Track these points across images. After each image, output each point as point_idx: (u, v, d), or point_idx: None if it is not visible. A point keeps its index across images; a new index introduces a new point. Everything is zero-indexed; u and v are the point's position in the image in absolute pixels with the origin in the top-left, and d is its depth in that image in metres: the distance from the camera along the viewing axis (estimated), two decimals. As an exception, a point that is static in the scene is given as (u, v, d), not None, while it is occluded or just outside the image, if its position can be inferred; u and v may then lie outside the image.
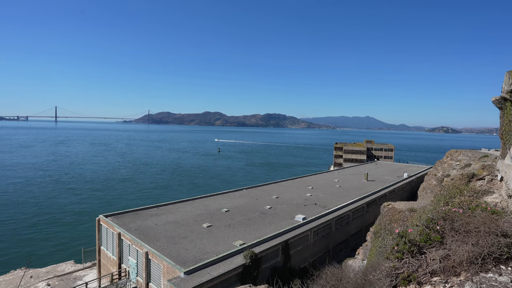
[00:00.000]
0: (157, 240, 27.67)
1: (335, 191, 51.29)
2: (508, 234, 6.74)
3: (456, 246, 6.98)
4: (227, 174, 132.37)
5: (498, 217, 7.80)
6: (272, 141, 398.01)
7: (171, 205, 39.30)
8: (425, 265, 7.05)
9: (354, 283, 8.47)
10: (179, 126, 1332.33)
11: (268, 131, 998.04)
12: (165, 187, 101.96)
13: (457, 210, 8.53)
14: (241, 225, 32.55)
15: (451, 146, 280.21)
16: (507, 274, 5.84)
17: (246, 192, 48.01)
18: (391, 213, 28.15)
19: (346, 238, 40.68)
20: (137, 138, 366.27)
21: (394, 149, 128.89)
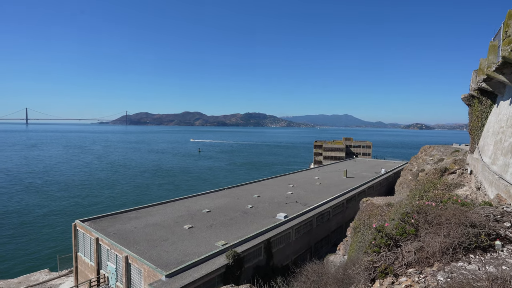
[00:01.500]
0: (137, 244, 27.08)
1: (315, 188, 52.03)
2: (476, 225, 7.08)
3: (429, 238, 7.26)
4: (209, 174, 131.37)
5: (467, 208, 8.17)
6: (253, 140, 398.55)
7: (151, 208, 38.56)
8: (401, 257, 7.29)
9: (334, 278, 8.66)
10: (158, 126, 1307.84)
11: (248, 130, 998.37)
12: (145, 189, 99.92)
13: (430, 204, 8.87)
14: (223, 225, 32.41)
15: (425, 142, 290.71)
16: (475, 262, 6.13)
17: (228, 192, 47.85)
18: (370, 209, 28.91)
19: (327, 234, 41.36)
20: (115, 140, 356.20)
21: (371, 146, 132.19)
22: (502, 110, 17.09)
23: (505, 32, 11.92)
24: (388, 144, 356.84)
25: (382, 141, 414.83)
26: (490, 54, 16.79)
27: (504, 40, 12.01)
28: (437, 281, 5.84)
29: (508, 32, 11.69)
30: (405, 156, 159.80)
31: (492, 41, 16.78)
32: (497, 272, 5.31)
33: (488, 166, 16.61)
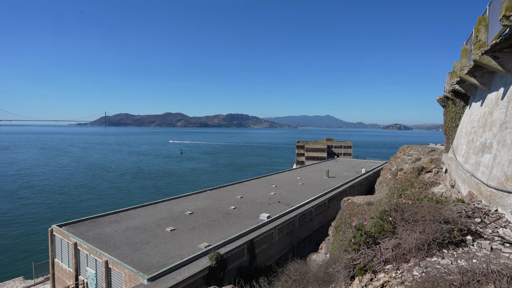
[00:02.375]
0: (117, 248, 26.47)
1: (298, 188, 52.53)
2: (449, 221, 7.38)
3: (406, 235, 7.51)
4: (191, 176, 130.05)
5: (441, 206, 8.50)
6: (236, 141, 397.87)
7: (132, 210, 37.79)
8: (379, 254, 7.50)
9: (316, 277, 8.81)
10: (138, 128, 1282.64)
11: (231, 131, 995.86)
12: (126, 192, 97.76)
13: (407, 202, 9.17)
14: (206, 227, 32.19)
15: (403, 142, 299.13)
16: (448, 257, 6.40)
17: (210, 193, 47.56)
18: (351, 207, 29.49)
19: (310, 233, 41.84)
20: (94, 142, 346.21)
21: (352, 146, 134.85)
22: (474, 111, 17.87)
23: (476, 37, 12.49)
24: (369, 144, 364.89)
25: (362, 141, 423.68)
26: (462, 58, 17.53)
27: (475, 45, 12.59)
28: (413, 276, 6.05)
29: (479, 37, 12.25)
30: (384, 156, 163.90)
31: (465, 45, 17.54)
32: (468, 266, 5.57)
33: (461, 165, 17.31)
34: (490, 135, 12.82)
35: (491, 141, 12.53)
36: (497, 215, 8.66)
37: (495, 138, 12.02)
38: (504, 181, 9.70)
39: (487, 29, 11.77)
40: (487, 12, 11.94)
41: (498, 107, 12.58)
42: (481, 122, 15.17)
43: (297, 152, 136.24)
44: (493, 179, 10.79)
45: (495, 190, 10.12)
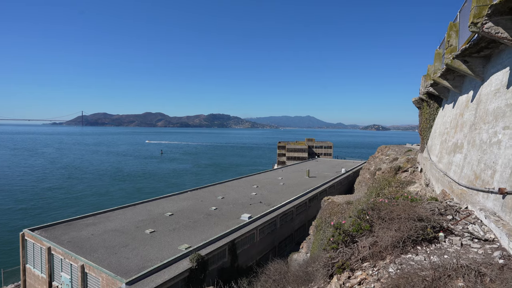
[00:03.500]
0: (94, 251, 25.70)
1: (279, 188, 52.87)
2: (423, 219, 7.65)
3: (382, 233, 7.71)
4: (172, 176, 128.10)
5: (415, 204, 8.80)
6: (218, 142, 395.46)
7: (110, 212, 36.80)
8: (357, 252, 7.67)
9: (295, 276, 8.91)
10: (117, 128, 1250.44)
11: (212, 131, 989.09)
12: (104, 193, 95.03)
13: (383, 201, 9.43)
14: (187, 228, 31.82)
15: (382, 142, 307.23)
16: (422, 253, 6.63)
17: (191, 194, 47.06)
18: (331, 207, 29.98)
19: (291, 233, 42.20)
20: (70, 142, 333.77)
21: (332, 146, 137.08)
22: (447, 113, 18.60)
23: (448, 42, 13.02)
24: (348, 144, 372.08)
25: (342, 141, 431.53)
26: (436, 61, 18.22)
27: (447, 49, 13.11)
28: (389, 273, 6.23)
29: (450, 42, 12.78)
30: (363, 156, 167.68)
31: (438, 50, 18.24)
32: (440, 261, 5.79)
33: (435, 164, 17.97)
34: (461, 136, 13.38)
35: (462, 141, 13.08)
36: (467, 212, 9.06)
37: (465, 138, 12.56)
38: (473, 179, 10.15)
39: (458, 35, 12.29)
40: (458, 18, 12.46)
41: (468, 109, 13.16)
42: (453, 123, 15.82)
43: (278, 152, 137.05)
44: (464, 178, 11.27)
45: (466, 188, 10.57)
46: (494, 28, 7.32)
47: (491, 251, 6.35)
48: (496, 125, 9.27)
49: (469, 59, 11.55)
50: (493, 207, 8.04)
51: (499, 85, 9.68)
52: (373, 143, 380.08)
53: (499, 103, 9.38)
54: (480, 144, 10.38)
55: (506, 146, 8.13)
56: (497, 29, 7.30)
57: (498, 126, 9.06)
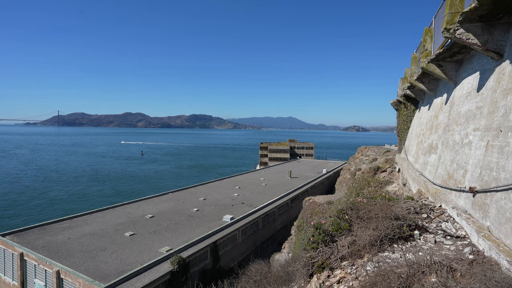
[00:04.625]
0: (70, 256, 24.86)
1: (261, 189, 53.01)
2: (399, 217, 7.89)
3: (361, 232, 7.89)
4: (153, 178, 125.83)
5: (392, 203, 9.05)
6: (200, 142, 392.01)
7: (88, 216, 35.73)
8: (336, 251, 7.81)
9: (276, 277, 8.98)
10: (96, 128, 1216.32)
11: (194, 132, 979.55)
12: (81, 196, 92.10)
13: (362, 200, 9.64)
14: (168, 231, 31.36)
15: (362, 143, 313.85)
16: (398, 251, 6.83)
17: (172, 196, 46.42)
18: (312, 207, 30.34)
19: (273, 234, 42.40)
20: (45, 143, 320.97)
21: (314, 147, 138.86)
22: (423, 115, 19.26)
23: (423, 46, 13.50)
24: (330, 145, 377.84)
25: (324, 142, 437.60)
26: (412, 65, 18.83)
27: (422, 53, 13.59)
28: (366, 271, 6.39)
29: (425, 47, 13.26)
30: (344, 156, 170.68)
31: (414, 53, 18.86)
32: (414, 258, 5.99)
33: (412, 164, 18.56)
34: (436, 137, 13.89)
35: (436, 142, 13.58)
36: (441, 210, 9.41)
37: (440, 139, 13.05)
38: (447, 179, 10.56)
39: (433, 40, 12.77)
40: (433, 24, 12.94)
41: (442, 111, 13.68)
42: (429, 124, 16.39)
43: (260, 153, 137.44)
44: (438, 177, 11.71)
45: (440, 188, 10.99)
46: (465, 34, 7.65)
47: (462, 247, 6.63)
48: (467, 127, 9.69)
49: (443, 63, 12.02)
50: (464, 205, 8.39)
51: (470, 89, 10.13)
52: (353, 144, 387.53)
53: (470, 106, 9.81)
54: (453, 145, 10.82)
55: (476, 147, 8.51)
56: (468, 36, 7.63)
57: (469, 128, 9.47)
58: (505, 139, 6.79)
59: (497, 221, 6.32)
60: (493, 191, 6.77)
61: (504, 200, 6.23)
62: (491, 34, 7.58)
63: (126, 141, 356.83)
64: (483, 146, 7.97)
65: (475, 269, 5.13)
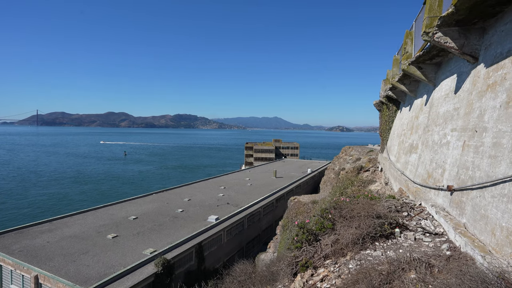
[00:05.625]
0: (50, 260, 24.13)
1: (246, 189, 53.01)
2: (381, 216, 8.06)
3: (344, 230, 8.02)
4: (137, 179, 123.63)
5: (374, 202, 9.24)
6: (185, 142, 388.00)
7: (68, 218, 34.79)
8: (320, 250, 7.91)
9: (261, 277, 9.00)
10: (77, 128, 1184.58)
11: (179, 132, 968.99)
12: (62, 198, 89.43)
13: (345, 199, 9.80)
14: (152, 232, 30.92)
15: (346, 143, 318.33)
16: (379, 249, 6.98)
17: (156, 197, 45.79)
18: (297, 206, 30.58)
19: (258, 233, 42.48)
20: (23, 143, 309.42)
21: (299, 147, 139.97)
22: (404, 115, 19.74)
23: (404, 49, 13.85)
24: (314, 145, 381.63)
25: (308, 142, 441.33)
26: (394, 67, 19.27)
27: (403, 56, 13.94)
28: (349, 269, 6.50)
29: (406, 49, 13.60)
30: (329, 156, 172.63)
31: (396, 55, 19.30)
32: (395, 255, 6.15)
33: (393, 164, 19.00)
34: (416, 137, 14.28)
35: (417, 142, 13.96)
36: (420, 208, 9.68)
37: (420, 139, 13.42)
38: (426, 178, 10.88)
39: (413, 43, 13.12)
40: (413, 27, 13.29)
41: (422, 112, 14.07)
42: (409, 125, 16.82)
43: (245, 153, 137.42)
44: (418, 177, 12.04)
45: (420, 186, 11.30)
46: (443, 38, 7.90)
47: (440, 244, 6.85)
48: (445, 127, 10.01)
49: (423, 66, 12.38)
50: (442, 203, 8.67)
51: (448, 91, 10.46)
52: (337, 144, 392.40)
53: (448, 107, 10.14)
54: (432, 145, 11.15)
55: (454, 146, 8.80)
56: (445, 39, 7.88)
57: (447, 128, 9.79)
58: (480, 139, 7.05)
59: (473, 218, 6.56)
60: (469, 189, 7.02)
61: (478, 198, 6.48)
62: (467, 38, 7.86)
63: (106, 141, 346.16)
64: (460, 146, 8.26)
65: (452, 264, 5.32)
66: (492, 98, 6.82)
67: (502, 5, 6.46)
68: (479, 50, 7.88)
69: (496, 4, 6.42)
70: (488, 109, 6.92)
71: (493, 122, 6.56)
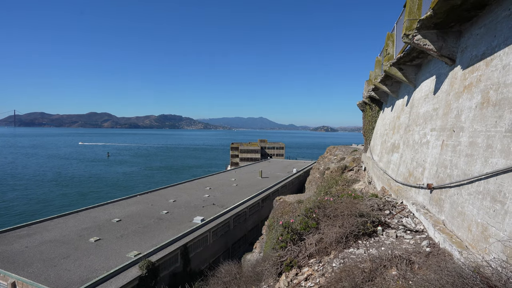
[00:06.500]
0: (28, 266, 23.32)
1: (232, 190, 52.88)
2: (364, 214, 8.20)
3: (328, 229, 8.11)
4: (121, 180, 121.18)
5: (357, 201, 9.39)
6: (170, 143, 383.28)
7: (48, 222, 33.76)
8: (304, 250, 7.97)
9: (246, 277, 9.00)
10: (57, 129, 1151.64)
11: (164, 132, 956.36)
12: (42, 201, 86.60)
13: (328, 199, 9.92)
14: (136, 234, 30.40)
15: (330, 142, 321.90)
16: (362, 247, 7.10)
17: (141, 198, 45.06)
18: (282, 206, 30.73)
19: (244, 234, 42.44)
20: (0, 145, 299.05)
21: (284, 147, 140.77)
22: (386, 115, 20.17)
23: (386, 50, 14.15)
24: (300, 145, 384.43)
25: (294, 142, 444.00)
26: (376, 68, 19.64)
27: (385, 57, 14.23)
28: (332, 268, 6.59)
29: (388, 51, 13.89)
30: (314, 156, 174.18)
31: (378, 57, 19.68)
32: (377, 253, 6.27)
33: (376, 163, 19.37)
34: (398, 137, 14.61)
35: (398, 142, 14.28)
36: (402, 206, 9.91)
37: (401, 139, 13.74)
38: (408, 176, 11.15)
39: (394, 44, 13.41)
40: (395, 29, 13.59)
41: (404, 112, 14.41)
42: (391, 125, 17.20)
43: (231, 153, 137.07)
44: (400, 175, 12.32)
45: (401, 185, 11.57)
46: (422, 40, 8.12)
47: (420, 240, 7.03)
48: (425, 127, 10.28)
49: (404, 67, 12.68)
50: (423, 201, 8.90)
51: (428, 92, 10.76)
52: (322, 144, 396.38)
53: (427, 108, 10.43)
54: (413, 144, 11.43)
55: (433, 146, 9.05)
56: (424, 41, 8.10)
57: (427, 128, 10.06)
58: (457, 138, 7.29)
59: (451, 215, 6.77)
60: (447, 187, 7.24)
61: (456, 195, 6.69)
62: (445, 40, 8.11)
63: (85, 142, 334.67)
64: (439, 145, 8.51)
65: (431, 260, 5.47)
66: (468, 99, 7.06)
67: (477, 10, 6.70)
68: (456, 52, 8.14)
69: (471, 9, 6.65)
70: (465, 110, 7.16)
71: (469, 122, 6.79)
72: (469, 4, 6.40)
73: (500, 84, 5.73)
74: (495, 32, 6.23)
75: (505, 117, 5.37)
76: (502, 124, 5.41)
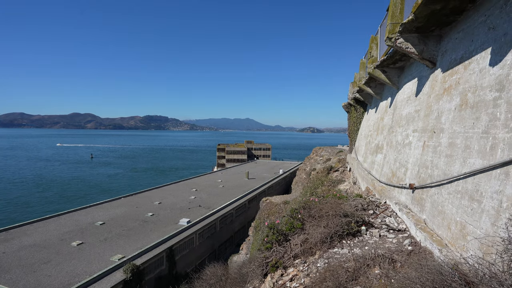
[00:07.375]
0: (6, 272, 22.49)
1: (218, 191, 52.63)
2: (348, 214, 8.31)
3: (313, 230, 8.17)
4: (105, 182, 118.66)
5: (342, 201, 9.50)
6: (156, 144, 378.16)
7: (28, 226, 32.71)
8: (290, 250, 8.01)
9: (232, 279, 8.97)
10: (38, 130, 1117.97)
11: (150, 134, 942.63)
12: (21, 204, 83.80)
13: (313, 199, 10.00)
14: (120, 238, 29.81)
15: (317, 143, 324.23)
16: (346, 247, 7.19)
17: (125, 201, 44.26)
18: (269, 207, 30.76)
19: (231, 235, 42.28)
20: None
21: (271, 148, 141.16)
22: (371, 117, 20.52)
23: (370, 53, 14.41)
24: (286, 146, 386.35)
25: (280, 143, 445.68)
26: (361, 70, 19.98)
27: (369, 60, 14.49)
28: (317, 268, 6.64)
29: (372, 53, 14.16)
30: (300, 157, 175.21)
31: (362, 59, 20.02)
32: (361, 252, 6.36)
33: (361, 164, 19.67)
34: (382, 138, 14.88)
35: (382, 143, 14.55)
36: (385, 206, 10.10)
37: (385, 140, 14.00)
38: (391, 177, 11.37)
39: (378, 47, 13.67)
40: (378, 32, 13.85)
41: (387, 113, 14.70)
42: (375, 126, 17.51)
43: (218, 154, 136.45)
44: (384, 176, 12.55)
45: (385, 185, 11.78)
46: (404, 44, 8.31)
47: (403, 239, 7.18)
48: (408, 128, 10.52)
49: (387, 69, 12.93)
50: (405, 201, 9.10)
51: (410, 94, 11.01)
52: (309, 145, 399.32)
53: (410, 109, 10.67)
54: (396, 145, 11.67)
55: (415, 146, 9.27)
56: (407, 45, 8.29)
57: (409, 129, 10.29)
58: (437, 139, 7.49)
59: (431, 214, 6.94)
60: (428, 187, 7.42)
61: (436, 195, 6.86)
62: (426, 44, 8.33)
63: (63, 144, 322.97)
64: (421, 146, 8.71)
65: (412, 258, 5.59)
66: (448, 101, 7.27)
67: (455, 15, 6.92)
68: (437, 55, 8.36)
69: (450, 14, 6.86)
70: (445, 111, 7.37)
71: (449, 124, 6.99)
72: (448, 9, 6.60)
73: (477, 87, 5.93)
74: (472, 37, 6.44)
75: (482, 118, 5.55)
76: (479, 125, 5.59)
